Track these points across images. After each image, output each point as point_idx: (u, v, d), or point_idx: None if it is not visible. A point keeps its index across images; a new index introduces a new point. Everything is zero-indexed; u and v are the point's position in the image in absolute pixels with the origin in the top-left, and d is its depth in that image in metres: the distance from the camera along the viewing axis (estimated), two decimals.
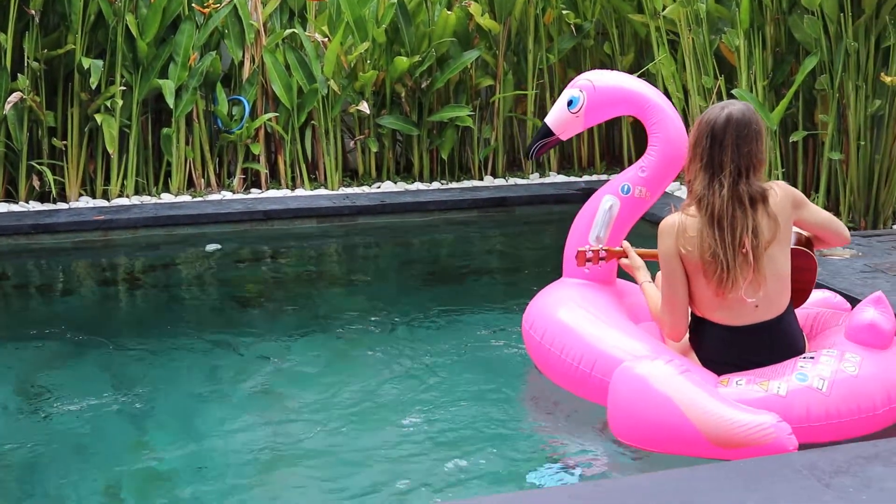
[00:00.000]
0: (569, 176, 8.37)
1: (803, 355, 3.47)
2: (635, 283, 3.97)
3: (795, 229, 3.68)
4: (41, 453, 3.57)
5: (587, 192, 7.68)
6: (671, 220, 3.46)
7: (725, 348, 3.51)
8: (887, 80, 5.91)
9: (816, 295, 3.96)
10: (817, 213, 3.64)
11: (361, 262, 6.64)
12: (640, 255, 3.90)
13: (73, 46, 7.15)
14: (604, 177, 8.32)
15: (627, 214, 4.17)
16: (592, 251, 3.91)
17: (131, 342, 4.77)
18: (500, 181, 8.21)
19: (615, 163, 8.75)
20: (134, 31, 7.29)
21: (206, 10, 7.59)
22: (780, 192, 3.45)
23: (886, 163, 6.23)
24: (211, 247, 6.58)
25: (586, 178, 8.32)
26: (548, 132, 4.24)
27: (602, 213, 4.15)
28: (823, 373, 3.32)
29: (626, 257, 3.91)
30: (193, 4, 7.62)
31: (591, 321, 3.85)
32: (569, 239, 4.27)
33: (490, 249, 6.91)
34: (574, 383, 3.76)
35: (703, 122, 3.42)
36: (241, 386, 4.17)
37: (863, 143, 6.14)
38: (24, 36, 7.06)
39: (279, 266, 6.46)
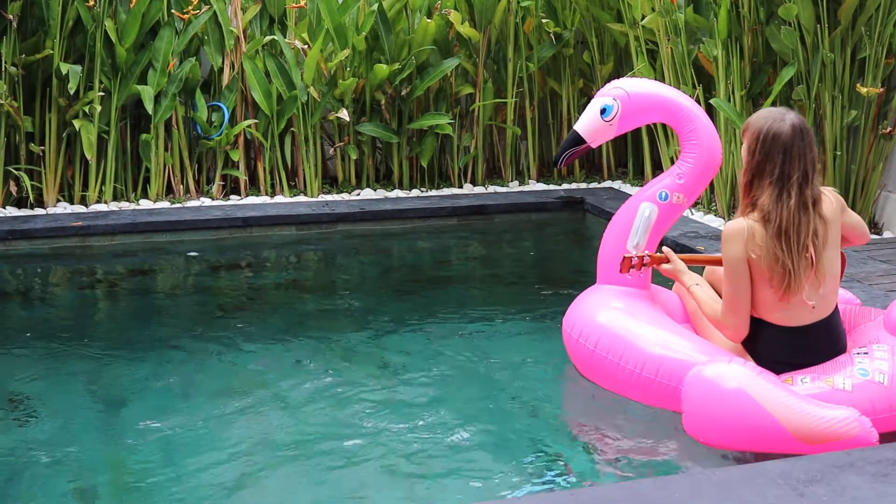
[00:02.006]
0: (548, 184, 8.39)
1: (855, 351, 3.61)
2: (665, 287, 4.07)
3: None
4: (16, 461, 3.54)
5: (566, 201, 7.76)
6: (738, 226, 3.53)
7: (783, 348, 3.63)
8: (863, 90, 5.96)
9: None
10: (853, 215, 3.80)
11: (341, 269, 6.63)
12: (685, 261, 3.99)
13: (52, 51, 7.11)
14: (583, 185, 8.36)
15: (663, 221, 4.24)
16: (638, 257, 3.96)
17: (108, 349, 4.74)
18: (479, 189, 8.23)
19: (594, 171, 8.78)
20: (113, 37, 7.26)
21: (186, 17, 7.57)
22: (833, 198, 3.61)
23: (862, 173, 6.29)
24: (189, 254, 6.57)
25: (565, 186, 8.35)
26: (578, 140, 4.24)
27: (641, 220, 4.18)
28: (882, 367, 3.49)
29: (669, 263, 3.96)
30: (173, 10, 7.61)
31: (647, 327, 3.91)
32: (602, 246, 4.31)
33: (469, 257, 6.92)
34: (636, 389, 3.82)
35: (770, 137, 3.48)
36: (220, 393, 4.15)
37: (839, 153, 6.19)
38: (1, 41, 7.01)
39: (258, 273, 6.44)
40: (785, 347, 3.62)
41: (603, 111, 4.17)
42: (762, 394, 3.34)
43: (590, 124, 4.22)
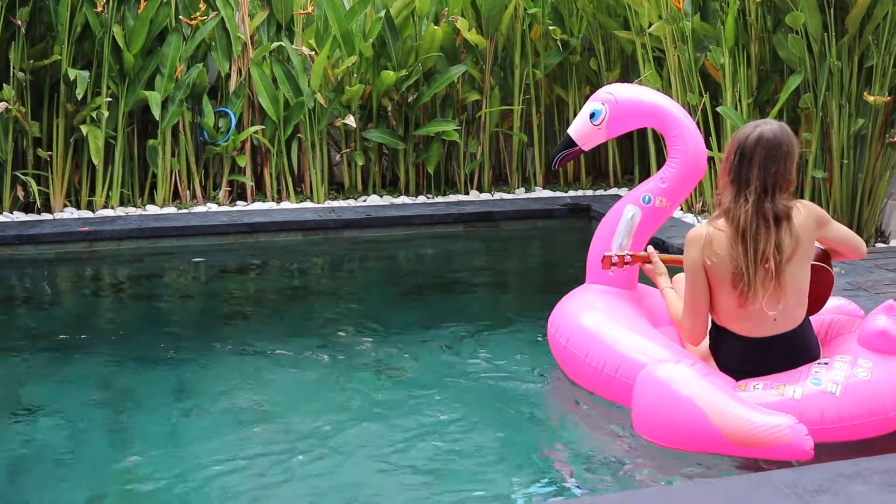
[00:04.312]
0: (554, 191, 8.39)
1: (818, 361, 3.59)
2: (656, 287, 4.14)
3: (815, 244, 3.78)
4: (22, 465, 3.54)
5: (572, 208, 7.76)
6: (699, 231, 3.57)
7: (743, 358, 3.63)
8: (870, 99, 5.95)
9: (831, 301, 4.07)
10: (839, 229, 3.77)
11: (346, 275, 6.63)
12: (664, 261, 4.06)
13: (60, 57, 7.14)
14: (589, 192, 8.35)
15: (648, 223, 4.34)
16: (618, 256, 4.08)
17: (114, 354, 4.74)
18: (485, 196, 8.23)
19: (601, 178, 8.79)
20: (121, 43, 7.29)
21: (194, 23, 7.59)
22: (804, 211, 3.56)
23: (869, 181, 6.27)
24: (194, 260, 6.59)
25: (572, 193, 8.34)
26: (570, 143, 4.40)
27: (624, 222, 4.32)
28: (837, 378, 3.45)
29: (650, 262, 4.05)
30: (181, 16, 7.63)
31: (615, 326, 4.00)
32: (591, 247, 4.44)
33: (475, 264, 6.91)
34: (599, 386, 3.92)
35: (735, 139, 3.53)
36: (224, 399, 4.15)
37: (846, 161, 6.18)
38: (9, 46, 7.05)
39: (264, 279, 6.44)
40: (744, 357, 3.62)
41: (592, 115, 4.31)
42: (701, 395, 3.37)
43: (581, 128, 4.36)
